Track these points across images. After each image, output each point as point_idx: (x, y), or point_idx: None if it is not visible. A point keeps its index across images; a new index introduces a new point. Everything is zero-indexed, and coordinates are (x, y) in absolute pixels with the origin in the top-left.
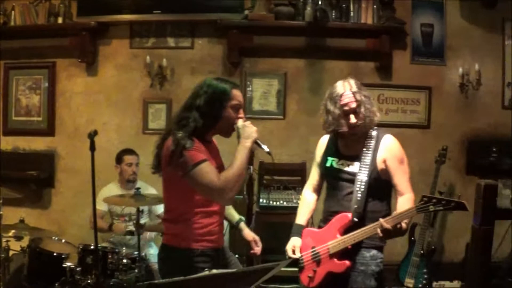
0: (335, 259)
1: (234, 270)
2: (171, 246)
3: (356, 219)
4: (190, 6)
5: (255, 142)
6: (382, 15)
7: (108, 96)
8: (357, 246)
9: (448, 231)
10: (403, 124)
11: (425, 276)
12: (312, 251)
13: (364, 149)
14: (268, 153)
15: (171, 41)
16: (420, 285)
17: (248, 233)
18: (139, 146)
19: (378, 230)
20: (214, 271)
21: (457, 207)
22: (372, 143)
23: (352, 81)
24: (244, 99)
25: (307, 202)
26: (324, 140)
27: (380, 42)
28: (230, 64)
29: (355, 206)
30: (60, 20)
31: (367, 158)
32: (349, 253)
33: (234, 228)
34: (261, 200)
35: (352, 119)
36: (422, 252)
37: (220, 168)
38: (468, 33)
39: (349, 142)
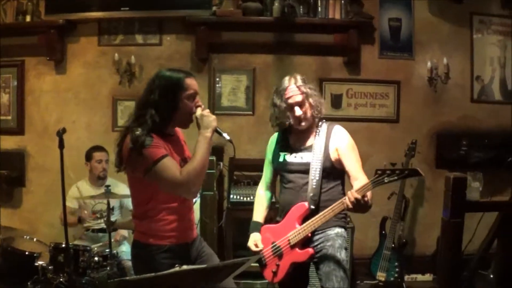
0: (297, 249)
1: (204, 266)
2: (140, 242)
3: (313, 207)
4: (158, 2)
5: (215, 131)
6: (350, 10)
7: (77, 94)
8: (320, 230)
9: (419, 224)
10: (372, 118)
11: (397, 269)
12: (273, 246)
13: (315, 140)
14: (230, 141)
15: (139, 38)
16: (392, 279)
17: None
18: (109, 143)
19: (347, 201)
20: (185, 267)
21: (411, 174)
22: (323, 133)
23: (297, 76)
24: (213, 95)
25: (262, 199)
26: (274, 137)
27: (348, 37)
28: (198, 60)
29: (311, 194)
30: (28, 19)
31: (319, 148)
32: (313, 239)
33: None
34: (231, 196)
35: (297, 111)
36: (393, 245)
37: (186, 160)
38: (436, 28)
39: (299, 135)
